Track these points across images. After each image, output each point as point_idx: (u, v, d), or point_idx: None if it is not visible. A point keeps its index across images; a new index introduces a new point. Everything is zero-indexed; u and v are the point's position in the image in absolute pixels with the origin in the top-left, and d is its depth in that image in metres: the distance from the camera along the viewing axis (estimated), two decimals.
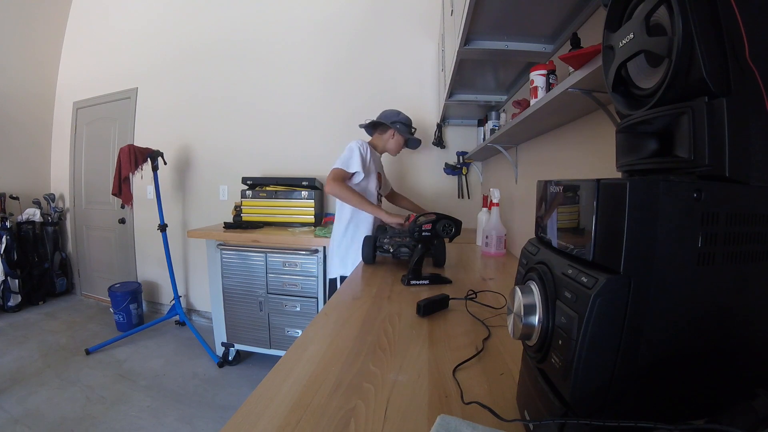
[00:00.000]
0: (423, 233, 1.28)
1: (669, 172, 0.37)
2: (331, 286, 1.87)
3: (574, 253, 0.36)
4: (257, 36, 3.03)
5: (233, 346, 2.42)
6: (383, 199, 2.09)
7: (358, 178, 1.73)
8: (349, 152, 1.72)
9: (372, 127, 1.97)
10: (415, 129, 2.00)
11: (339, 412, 0.51)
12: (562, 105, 0.98)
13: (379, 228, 1.65)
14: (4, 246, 3.18)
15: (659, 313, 0.30)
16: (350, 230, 1.79)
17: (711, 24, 0.32)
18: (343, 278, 1.77)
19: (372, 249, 1.49)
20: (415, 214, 1.53)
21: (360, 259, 1.57)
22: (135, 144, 2.67)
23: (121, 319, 2.92)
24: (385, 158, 2.85)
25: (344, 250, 1.78)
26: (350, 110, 2.86)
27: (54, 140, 3.84)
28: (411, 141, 1.95)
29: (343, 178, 1.67)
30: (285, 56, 2.98)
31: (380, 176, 1.94)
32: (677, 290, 0.30)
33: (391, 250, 1.45)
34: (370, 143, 1.87)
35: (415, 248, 1.33)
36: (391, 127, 1.88)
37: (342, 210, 1.80)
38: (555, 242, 0.40)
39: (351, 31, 2.87)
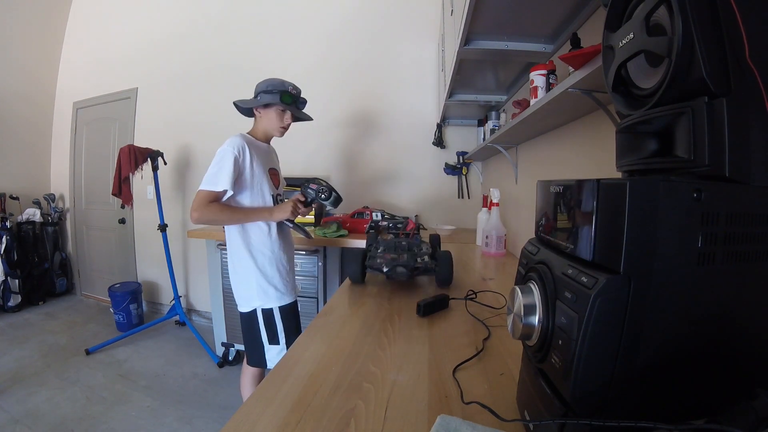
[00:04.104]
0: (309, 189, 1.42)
1: (669, 172, 0.37)
2: (251, 320, 1.41)
3: (574, 253, 0.36)
4: (257, 36, 3.03)
5: (233, 346, 2.42)
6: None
7: (237, 195, 1.36)
8: (216, 164, 1.31)
9: (246, 113, 1.55)
10: (296, 91, 1.49)
11: (339, 412, 0.51)
12: (562, 105, 0.98)
13: (371, 236, 1.47)
14: (4, 246, 3.18)
15: (659, 312, 0.30)
16: (255, 248, 1.40)
17: (711, 24, 0.32)
18: (265, 310, 1.40)
19: (361, 266, 1.16)
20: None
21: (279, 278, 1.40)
22: (135, 144, 2.67)
23: (121, 319, 2.92)
24: (374, 155, 2.89)
25: (261, 274, 1.40)
26: (350, 110, 2.86)
27: (54, 140, 3.84)
28: (290, 109, 1.46)
29: (211, 200, 1.30)
30: (285, 55, 2.98)
31: (275, 174, 1.53)
32: (677, 290, 0.30)
33: (385, 269, 1.08)
34: (250, 134, 1.51)
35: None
36: (271, 104, 1.43)
37: (231, 231, 1.42)
38: (555, 242, 0.40)
39: (351, 31, 2.87)
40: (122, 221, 3.41)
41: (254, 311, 1.41)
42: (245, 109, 1.52)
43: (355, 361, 0.66)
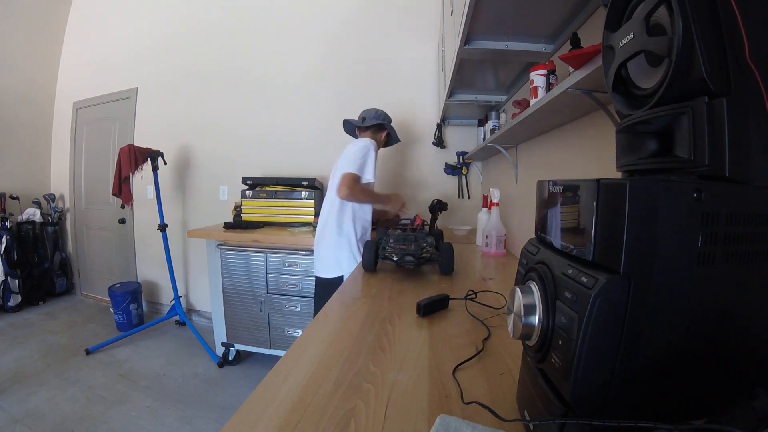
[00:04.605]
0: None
1: (669, 172, 0.37)
2: (327, 286, 1.73)
3: (574, 253, 0.36)
4: (257, 38, 3.03)
5: (233, 346, 2.42)
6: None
7: (368, 183, 1.74)
8: (363, 156, 1.68)
9: (369, 128, 1.94)
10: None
11: (339, 412, 0.51)
12: (562, 105, 0.98)
13: (380, 230, 1.56)
14: (4, 246, 3.18)
15: (659, 312, 0.30)
16: (346, 226, 1.74)
17: (711, 24, 0.32)
18: (338, 279, 1.70)
19: (373, 256, 1.32)
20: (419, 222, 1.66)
21: (353, 258, 1.67)
22: (135, 144, 2.67)
23: (121, 319, 2.92)
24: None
25: (358, 247, 1.73)
26: (350, 111, 2.86)
27: (54, 140, 3.84)
28: (393, 140, 2.02)
29: (356, 182, 1.65)
30: (285, 56, 2.98)
31: None
32: (677, 290, 0.30)
33: (395, 258, 1.25)
34: None
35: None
36: (387, 129, 1.93)
37: (332, 207, 1.76)
38: (555, 242, 0.40)
39: (351, 32, 2.87)
40: (122, 221, 3.41)
41: (340, 277, 1.69)
42: (370, 126, 1.91)
43: (355, 361, 0.66)
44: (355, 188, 1.63)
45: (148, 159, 2.69)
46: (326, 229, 1.78)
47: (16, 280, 3.23)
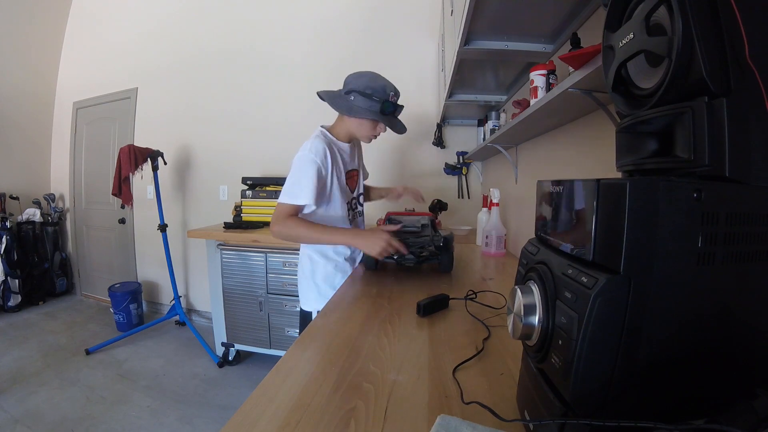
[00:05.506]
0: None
1: (669, 172, 0.37)
2: (307, 318, 1.41)
3: (574, 253, 0.36)
4: (258, 37, 3.03)
5: (233, 346, 2.42)
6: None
7: (312, 208, 1.25)
8: (297, 171, 1.18)
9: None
10: (397, 97, 1.29)
11: (339, 412, 0.51)
12: (562, 105, 0.98)
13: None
14: (4, 246, 3.18)
15: (659, 312, 0.30)
16: (314, 258, 1.36)
17: (711, 24, 0.32)
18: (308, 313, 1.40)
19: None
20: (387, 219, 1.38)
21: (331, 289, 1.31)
22: (135, 144, 2.68)
23: (121, 319, 2.92)
24: (373, 155, 2.90)
25: (324, 281, 1.36)
26: None
27: (54, 140, 3.84)
28: (386, 121, 1.26)
29: (291, 214, 1.19)
30: (285, 57, 2.98)
31: (354, 175, 1.42)
32: (677, 290, 0.30)
33: (395, 257, 1.25)
34: (331, 131, 1.34)
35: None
36: (347, 113, 1.26)
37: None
38: (555, 242, 0.40)
39: (351, 32, 2.87)
40: (122, 221, 3.41)
41: (310, 313, 1.38)
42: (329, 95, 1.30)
43: (355, 361, 0.66)
44: (285, 225, 1.16)
45: (148, 159, 2.69)
46: (300, 255, 1.43)
47: (16, 280, 3.23)
